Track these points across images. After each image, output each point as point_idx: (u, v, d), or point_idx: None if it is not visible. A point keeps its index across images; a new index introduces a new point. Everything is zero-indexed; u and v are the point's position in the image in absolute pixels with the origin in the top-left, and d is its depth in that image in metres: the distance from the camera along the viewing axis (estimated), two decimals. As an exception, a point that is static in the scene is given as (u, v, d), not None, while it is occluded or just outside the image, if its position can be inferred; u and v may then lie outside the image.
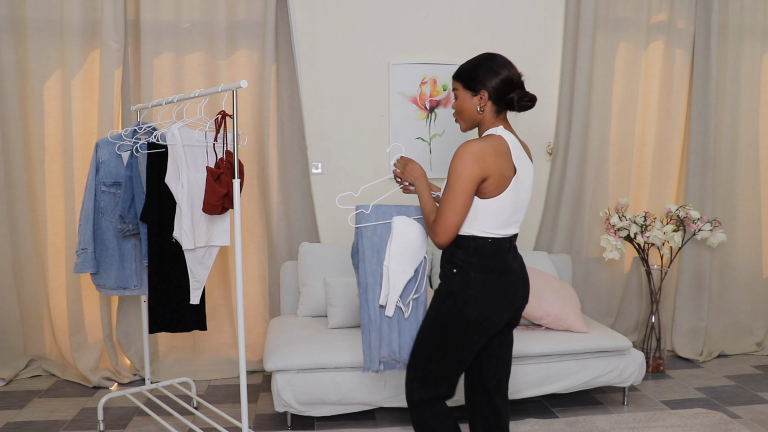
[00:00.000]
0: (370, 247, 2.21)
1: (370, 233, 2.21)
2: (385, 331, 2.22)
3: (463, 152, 1.95)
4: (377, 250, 2.21)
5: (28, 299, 3.67)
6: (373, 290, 2.21)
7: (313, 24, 3.74)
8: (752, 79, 4.14)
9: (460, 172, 1.94)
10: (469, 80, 2.07)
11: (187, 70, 3.61)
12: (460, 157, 1.94)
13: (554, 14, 3.96)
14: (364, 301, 2.23)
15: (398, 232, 2.19)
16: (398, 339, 2.22)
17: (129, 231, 2.95)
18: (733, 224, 4.19)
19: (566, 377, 3.12)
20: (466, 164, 1.93)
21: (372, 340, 2.22)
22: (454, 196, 1.95)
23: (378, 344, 2.22)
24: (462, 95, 2.09)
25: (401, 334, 2.23)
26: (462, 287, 2.02)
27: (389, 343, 2.23)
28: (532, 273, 3.51)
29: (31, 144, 3.57)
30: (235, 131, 2.37)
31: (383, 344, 2.22)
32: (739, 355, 4.21)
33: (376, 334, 2.22)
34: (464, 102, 2.09)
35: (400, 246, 2.18)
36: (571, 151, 3.95)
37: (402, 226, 2.20)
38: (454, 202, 1.95)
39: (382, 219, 2.22)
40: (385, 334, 2.22)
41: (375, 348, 2.22)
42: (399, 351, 2.23)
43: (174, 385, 3.26)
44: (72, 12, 3.45)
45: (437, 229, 1.99)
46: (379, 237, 2.21)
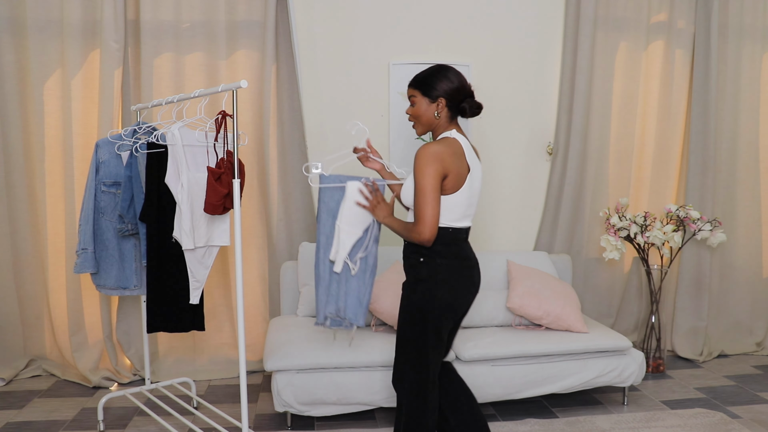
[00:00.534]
0: (326, 211, 2.41)
1: (327, 198, 2.40)
2: (333, 288, 2.39)
3: (424, 153, 2.14)
4: (332, 214, 2.40)
5: (28, 299, 3.67)
6: (325, 250, 2.40)
7: (313, 24, 3.74)
8: (752, 79, 4.14)
9: (426, 171, 2.13)
10: (428, 88, 2.26)
11: (187, 70, 3.61)
12: (423, 157, 2.14)
13: (554, 14, 3.96)
14: (318, 259, 2.41)
15: (350, 195, 2.35)
16: (345, 298, 2.37)
17: (128, 231, 2.95)
18: (733, 224, 4.19)
19: (566, 377, 3.12)
20: (428, 163, 2.13)
21: (320, 296, 2.41)
22: (425, 192, 2.13)
23: (325, 300, 2.40)
24: (419, 102, 2.28)
25: (348, 293, 2.38)
26: (431, 273, 2.21)
27: (336, 300, 2.38)
28: (533, 273, 3.51)
29: (31, 144, 3.57)
30: (235, 131, 2.37)
31: (330, 301, 2.39)
32: (739, 355, 4.21)
33: (324, 290, 2.40)
34: (421, 108, 2.28)
35: (350, 208, 2.35)
36: (571, 151, 3.95)
37: (353, 189, 2.36)
38: (427, 197, 2.13)
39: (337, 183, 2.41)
40: (333, 292, 2.39)
41: (322, 303, 2.40)
42: (345, 309, 2.37)
43: (174, 385, 3.26)
44: (72, 12, 3.45)
45: (420, 227, 2.14)
46: (335, 203, 2.40)
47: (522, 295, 3.34)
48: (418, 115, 2.30)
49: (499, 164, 3.99)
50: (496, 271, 3.64)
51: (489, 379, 3.04)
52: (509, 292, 3.42)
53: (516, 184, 4.03)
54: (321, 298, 2.40)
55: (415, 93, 2.30)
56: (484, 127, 3.94)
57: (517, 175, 4.03)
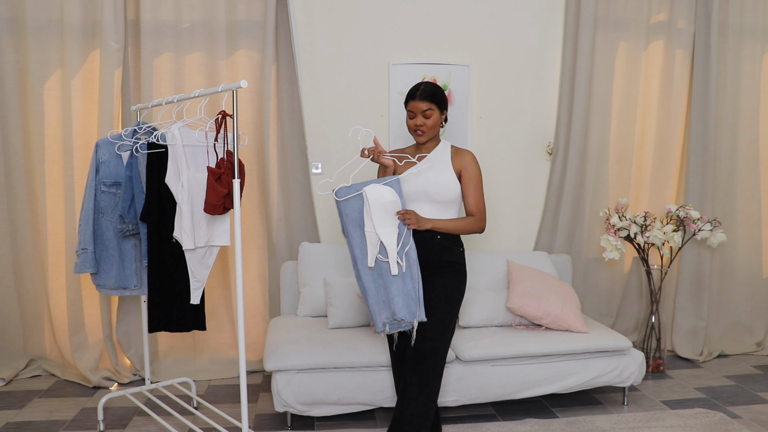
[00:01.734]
0: (351, 223, 2.44)
1: (349, 210, 2.43)
2: (381, 295, 2.44)
3: (474, 156, 2.67)
4: (359, 224, 2.43)
5: (28, 299, 3.67)
6: (362, 261, 2.43)
7: (313, 24, 3.74)
8: (752, 79, 4.14)
9: (480, 170, 2.65)
10: (442, 103, 2.62)
11: (187, 70, 3.61)
12: (476, 159, 2.67)
13: (554, 14, 3.96)
14: (359, 272, 2.44)
15: (372, 197, 2.41)
16: (394, 300, 2.40)
17: (129, 231, 2.95)
18: (733, 224, 4.19)
19: (566, 377, 3.12)
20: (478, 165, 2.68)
21: (372, 306, 2.44)
22: (481, 187, 2.63)
23: (378, 309, 2.44)
24: (436, 115, 2.61)
25: (395, 295, 2.41)
26: (464, 260, 2.65)
27: (388, 305, 2.42)
28: (533, 273, 3.51)
29: (31, 144, 3.57)
30: (235, 131, 2.37)
31: (383, 307, 2.43)
32: (739, 355, 4.21)
33: (374, 299, 2.44)
34: (436, 120, 2.62)
35: (377, 209, 2.40)
36: (571, 151, 3.95)
37: (374, 191, 2.42)
38: (482, 191, 2.64)
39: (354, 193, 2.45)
40: (382, 298, 2.43)
41: (377, 313, 2.44)
42: (397, 311, 2.40)
43: (174, 385, 3.26)
44: (72, 12, 3.45)
45: (481, 217, 2.62)
46: (358, 212, 2.44)
47: (522, 295, 3.34)
48: (433, 126, 2.61)
49: (499, 164, 3.99)
50: (496, 271, 3.64)
51: (489, 379, 3.04)
52: (509, 292, 3.42)
53: (516, 184, 4.03)
54: (374, 309, 2.44)
55: (432, 107, 2.59)
56: (484, 127, 3.94)
57: (517, 175, 4.03)
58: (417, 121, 2.60)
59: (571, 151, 3.95)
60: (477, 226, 2.61)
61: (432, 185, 2.58)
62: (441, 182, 2.58)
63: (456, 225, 2.58)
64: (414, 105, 2.59)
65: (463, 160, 2.64)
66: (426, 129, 2.61)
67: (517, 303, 3.33)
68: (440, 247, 2.57)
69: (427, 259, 2.54)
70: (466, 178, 2.61)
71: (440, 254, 2.57)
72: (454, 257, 2.60)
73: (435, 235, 2.56)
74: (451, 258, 2.59)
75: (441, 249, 2.57)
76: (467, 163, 2.62)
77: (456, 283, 2.60)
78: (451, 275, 2.59)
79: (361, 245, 2.43)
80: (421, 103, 2.58)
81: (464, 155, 2.65)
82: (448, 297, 2.56)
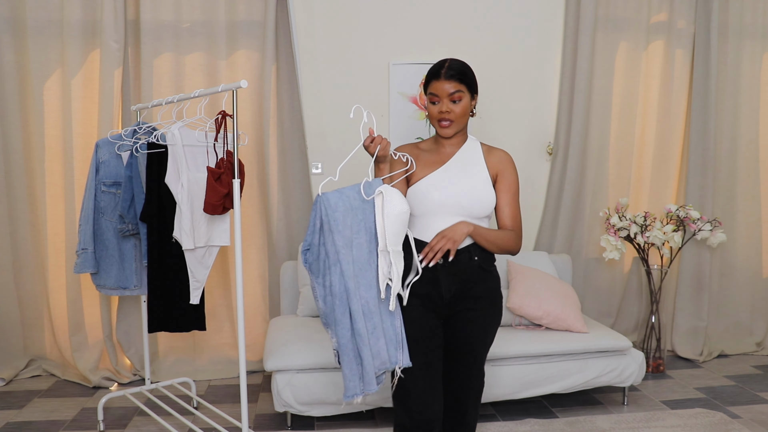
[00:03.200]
0: (344, 245, 1.81)
1: (341, 227, 1.81)
2: (372, 340, 1.85)
3: (512, 159, 2.14)
4: (350, 244, 1.83)
5: (28, 299, 3.67)
6: (356, 295, 1.82)
7: (313, 24, 3.74)
8: (752, 79, 4.14)
9: (518, 178, 2.14)
10: (473, 84, 2.06)
11: (187, 70, 3.61)
12: (514, 164, 2.13)
13: (554, 14, 3.96)
14: (345, 314, 1.82)
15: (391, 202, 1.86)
16: (385, 342, 1.90)
17: (129, 231, 2.95)
18: (733, 224, 4.19)
19: (566, 377, 3.12)
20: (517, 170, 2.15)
21: (365, 358, 1.82)
22: (518, 200, 2.12)
23: (371, 360, 1.84)
24: (466, 100, 2.05)
25: (386, 334, 1.90)
26: (499, 278, 2.15)
27: (379, 353, 1.87)
28: (533, 273, 3.51)
29: (31, 144, 3.57)
30: (235, 131, 2.36)
31: (374, 358, 1.86)
32: (739, 355, 4.21)
33: (367, 348, 1.83)
34: (466, 107, 2.06)
35: (394, 222, 1.86)
36: (571, 151, 3.95)
37: (394, 195, 1.87)
38: (519, 205, 2.12)
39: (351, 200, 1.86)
40: (374, 344, 1.86)
41: (369, 366, 1.83)
42: (389, 357, 1.90)
43: (174, 385, 3.26)
44: (72, 12, 3.45)
45: (520, 235, 2.09)
46: (350, 229, 1.83)
47: (522, 295, 3.34)
48: (463, 114, 2.06)
49: (499, 164, 3.98)
50: (496, 271, 3.63)
51: (489, 379, 3.04)
52: (509, 292, 3.42)
53: (516, 184, 4.02)
54: (366, 362, 1.82)
55: (462, 89, 2.03)
56: (484, 127, 3.94)
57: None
58: (442, 106, 2.03)
59: (571, 151, 3.95)
60: (516, 244, 2.07)
61: (467, 195, 2.03)
62: (477, 191, 2.04)
63: (497, 237, 2.03)
64: (438, 86, 2.03)
65: (500, 162, 2.11)
66: (455, 117, 2.04)
67: (517, 303, 3.33)
68: (479, 271, 2.05)
69: (466, 288, 2.04)
70: (503, 186, 2.08)
71: (480, 280, 2.05)
72: (494, 281, 2.11)
73: (472, 255, 2.03)
74: (492, 283, 2.09)
75: (480, 273, 2.05)
76: (505, 167, 2.10)
77: (496, 317, 2.12)
78: (491, 308, 2.09)
79: (355, 276, 1.82)
80: (448, 84, 2.01)
81: (501, 156, 2.13)
82: (488, 340, 2.12)
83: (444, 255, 1.98)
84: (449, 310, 2.07)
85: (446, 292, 2.04)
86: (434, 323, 2.06)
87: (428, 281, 2.03)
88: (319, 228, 1.82)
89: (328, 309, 1.84)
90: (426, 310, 2.05)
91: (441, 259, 1.99)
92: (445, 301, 2.05)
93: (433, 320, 2.06)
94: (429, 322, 2.05)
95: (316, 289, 1.84)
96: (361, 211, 1.86)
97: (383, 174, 1.99)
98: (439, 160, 2.12)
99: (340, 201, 1.82)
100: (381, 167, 2.00)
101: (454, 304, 2.05)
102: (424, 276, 2.01)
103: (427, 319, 2.05)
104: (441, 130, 2.07)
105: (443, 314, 2.08)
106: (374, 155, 1.94)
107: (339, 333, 1.83)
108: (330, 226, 1.80)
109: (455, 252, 1.98)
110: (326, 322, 1.86)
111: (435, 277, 2.03)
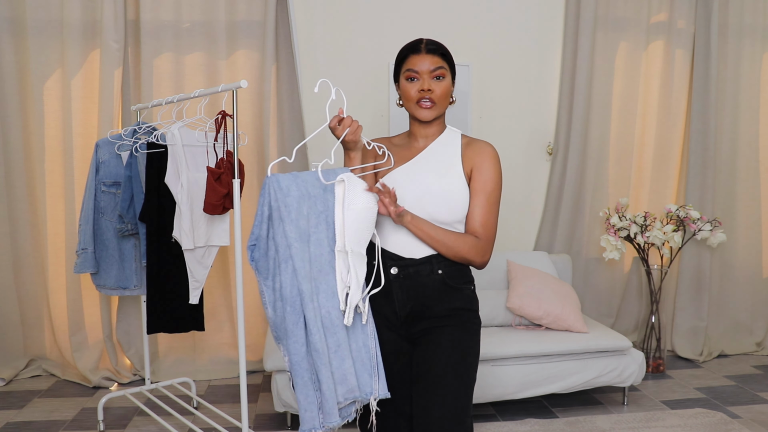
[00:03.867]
0: (297, 238, 1.51)
1: (294, 215, 1.51)
2: (335, 361, 1.52)
3: (496, 153, 1.77)
4: (306, 238, 1.53)
5: (28, 299, 3.67)
6: (313, 301, 1.50)
7: (313, 24, 3.74)
8: (752, 79, 4.14)
9: (499, 176, 1.75)
10: (453, 66, 1.78)
11: (187, 70, 3.61)
12: (497, 159, 1.76)
13: (554, 14, 3.96)
14: (299, 324, 1.50)
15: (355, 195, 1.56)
16: (353, 367, 1.55)
17: (128, 231, 2.95)
18: (733, 224, 4.19)
19: (566, 377, 3.12)
20: (499, 167, 1.77)
21: (324, 382, 1.50)
22: (497, 202, 1.75)
23: (332, 386, 1.51)
24: (448, 80, 1.76)
25: (355, 357, 1.57)
26: (477, 304, 1.82)
27: (344, 378, 1.53)
28: (533, 273, 3.51)
29: (31, 144, 3.57)
30: (235, 131, 2.36)
31: (338, 383, 1.53)
32: (739, 355, 4.21)
33: (327, 369, 1.50)
34: (448, 88, 1.77)
35: (356, 218, 1.56)
36: (571, 151, 3.95)
37: (357, 186, 1.58)
38: (496, 208, 1.75)
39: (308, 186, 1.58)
40: (337, 366, 1.52)
41: (330, 392, 1.51)
42: (358, 384, 1.56)
43: (174, 385, 3.26)
44: (72, 12, 3.45)
45: (486, 246, 1.73)
46: (306, 219, 1.53)
47: (522, 295, 3.34)
48: (446, 95, 1.76)
49: (499, 164, 3.98)
50: (496, 271, 3.63)
51: (489, 379, 3.04)
52: (509, 292, 3.42)
53: (516, 184, 4.03)
54: (326, 387, 1.51)
55: (445, 65, 1.75)
56: (483, 127, 3.94)
57: (517, 175, 4.02)
58: (423, 84, 1.73)
59: (571, 151, 3.95)
60: (477, 254, 1.72)
61: (432, 197, 1.71)
62: (445, 192, 1.72)
63: (447, 238, 1.69)
64: (417, 61, 1.73)
65: (476, 155, 1.76)
66: (436, 98, 1.74)
67: (517, 303, 3.33)
68: (444, 288, 1.73)
69: (424, 306, 1.73)
70: (477, 184, 1.73)
71: (444, 298, 1.74)
72: (464, 301, 1.77)
73: (434, 268, 1.73)
74: (460, 303, 1.76)
75: (445, 290, 1.74)
76: (482, 160, 1.75)
77: (468, 339, 1.75)
78: (461, 332, 1.74)
79: (308, 276, 1.51)
80: (430, 59, 1.73)
81: (479, 148, 1.77)
82: (463, 372, 1.71)
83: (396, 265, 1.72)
84: (407, 331, 1.77)
85: (401, 308, 1.75)
86: (396, 345, 1.77)
87: (381, 294, 1.72)
88: (267, 217, 1.52)
89: (278, 318, 1.51)
90: (386, 328, 1.76)
91: (394, 268, 1.73)
92: (401, 320, 1.76)
93: (396, 341, 1.77)
94: (390, 343, 1.76)
95: (264, 294, 1.54)
96: (321, 201, 1.57)
97: (353, 165, 1.73)
98: (408, 155, 1.81)
99: (293, 185, 1.53)
100: (351, 156, 1.73)
101: (412, 323, 1.75)
102: None
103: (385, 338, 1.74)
104: (420, 112, 1.76)
105: (404, 335, 1.77)
106: (340, 139, 1.66)
107: (290, 348, 1.50)
108: (280, 213, 1.50)
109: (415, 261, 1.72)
110: (277, 335, 1.54)
111: (387, 290, 1.73)
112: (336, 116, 1.68)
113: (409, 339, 1.78)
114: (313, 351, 1.49)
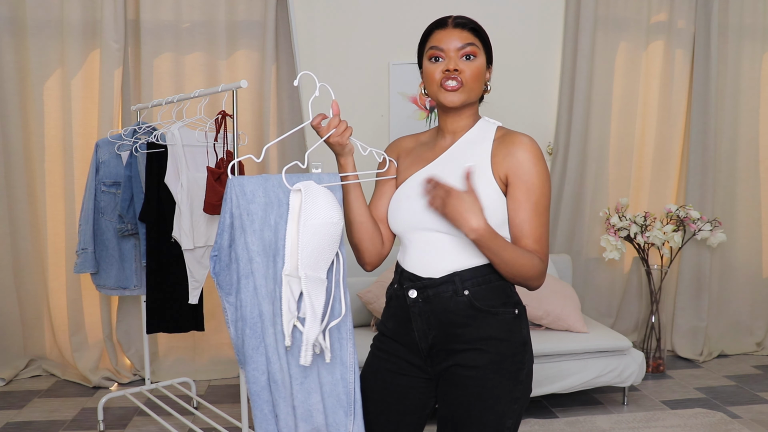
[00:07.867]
0: (260, 250, 1.31)
1: (257, 225, 1.30)
2: (299, 394, 1.32)
3: (536, 147, 1.40)
4: (272, 252, 1.31)
5: (28, 299, 3.67)
6: (274, 324, 1.30)
7: (313, 24, 3.74)
8: (752, 79, 4.13)
9: (547, 179, 1.40)
10: (488, 46, 1.50)
11: (187, 70, 3.61)
12: (539, 154, 1.40)
13: (554, 14, 3.96)
14: (259, 350, 1.31)
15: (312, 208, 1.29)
16: (322, 403, 1.35)
17: (128, 231, 2.95)
18: (733, 224, 4.19)
19: (566, 377, 3.12)
20: (546, 167, 1.41)
21: (282, 418, 1.32)
22: (546, 211, 1.40)
23: (292, 422, 1.33)
24: (481, 60, 1.46)
25: (324, 392, 1.35)
26: (527, 333, 1.45)
27: (308, 415, 1.33)
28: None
29: (31, 144, 3.57)
30: (235, 131, 2.36)
31: (300, 420, 1.33)
32: (739, 355, 4.21)
33: (287, 403, 1.31)
34: (481, 69, 1.46)
35: (317, 234, 1.29)
36: (571, 151, 3.95)
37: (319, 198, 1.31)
38: (547, 219, 1.39)
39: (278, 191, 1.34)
40: (301, 401, 1.32)
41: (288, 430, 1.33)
42: (326, 423, 1.35)
43: (174, 385, 3.26)
44: (72, 12, 3.45)
45: (545, 267, 1.39)
46: (272, 230, 1.31)
47: (522, 295, 3.33)
48: (478, 75, 1.45)
49: (499, 164, 3.98)
50: (496, 271, 3.63)
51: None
52: (509, 292, 3.41)
53: (516, 184, 4.02)
54: (285, 422, 1.32)
55: (477, 43, 1.45)
56: (484, 127, 3.94)
57: (517, 175, 4.02)
58: (449, 63, 1.42)
59: (571, 151, 3.95)
60: (539, 275, 1.38)
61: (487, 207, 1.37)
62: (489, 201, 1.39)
63: (517, 256, 1.34)
64: (441, 37, 1.44)
65: (511, 154, 1.41)
66: (466, 79, 1.43)
67: (517, 303, 3.32)
68: (472, 312, 1.39)
69: (449, 336, 1.40)
70: (518, 191, 1.38)
71: (473, 324, 1.39)
72: (500, 329, 1.40)
73: (458, 288, 1.39)
74: (495, 332, 1.39)
75: (474, 315, 1.39)
76: (520, 161, 1.39)
77: (507, 385, 1.39)
78: (494, 373, 1.38)
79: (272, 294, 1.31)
80: (457, 33, 1.43)
81: (515, 145, 1.42)
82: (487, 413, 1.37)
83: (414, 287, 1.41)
84: (432, 367, 1.44)
85: (421, 338, 1.43)
86: (407, 381, 1.46)
87: (398, 321, 1.45)
88: (229, 225, 1.31)
89: (239, 341, 1.32)
90: (398, 359, 1.46)
91: (413, 291, 1.42)
92: (423, 353, 1.44)
93: (407, 377, 1.47)
94: (398, 378, 1.46)
95: (227, 311, 1.34)
96: None
97: (345, 172, 1.46)
98: (430, 156, 1.51)
99: (259, 189, 1.31)
100: (341, 162, 1.48)
101: (439, 357, 1.42)
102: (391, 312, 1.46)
103: (395, 372, 1.46)
104: (445, 96, 1.43)
105: (428, 372, 1.45)
106: (322, 140, 1.44)
107: (249, 376, 1.31)
108: (242, 222, 1.29)
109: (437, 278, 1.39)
110: (239, 359, 1.35)
111: (404, 316, 1.43)
112: (320, 114, 1.44)
113: (432, 376, 1.46)
114: (272, 381, 1.30)
